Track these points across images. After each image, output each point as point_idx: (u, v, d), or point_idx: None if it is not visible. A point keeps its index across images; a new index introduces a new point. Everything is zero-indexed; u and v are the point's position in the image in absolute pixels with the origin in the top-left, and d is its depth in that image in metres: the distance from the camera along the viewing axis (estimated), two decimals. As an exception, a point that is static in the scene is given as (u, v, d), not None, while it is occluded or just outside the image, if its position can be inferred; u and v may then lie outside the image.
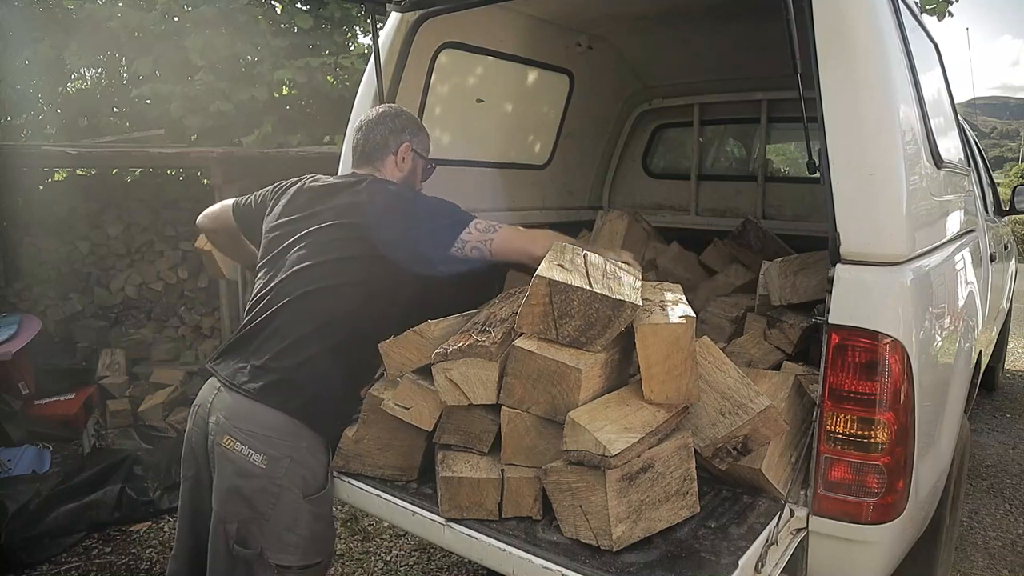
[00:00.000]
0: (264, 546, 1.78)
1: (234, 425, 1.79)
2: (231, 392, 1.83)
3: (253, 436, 1.78)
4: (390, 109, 2.19)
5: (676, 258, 3.25)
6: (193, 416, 1.93)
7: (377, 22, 2.58)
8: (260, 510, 1.78)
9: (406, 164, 2.13)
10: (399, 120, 2.15)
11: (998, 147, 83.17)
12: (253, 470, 1.77)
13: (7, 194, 5.07)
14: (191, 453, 1.94)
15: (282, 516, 1.80)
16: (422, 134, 2.20)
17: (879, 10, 1.77)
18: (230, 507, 1.79)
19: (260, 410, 1.80)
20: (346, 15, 6.77)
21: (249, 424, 1.79)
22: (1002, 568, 3.17)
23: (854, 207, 1.65)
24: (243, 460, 1.77)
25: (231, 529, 1.78)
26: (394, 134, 2.12)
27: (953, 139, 2.83)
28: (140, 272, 5.33)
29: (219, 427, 1.81)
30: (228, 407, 1.82)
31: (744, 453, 1.66)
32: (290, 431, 1.81)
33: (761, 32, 2.52)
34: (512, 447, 1.64)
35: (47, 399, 4.28)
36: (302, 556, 1.83)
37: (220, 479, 1.81)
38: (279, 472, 1.79)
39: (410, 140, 2.14)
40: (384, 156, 2.11)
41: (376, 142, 2.11)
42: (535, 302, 1.61)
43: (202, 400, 1.91)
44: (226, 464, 1.80)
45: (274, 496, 1.79)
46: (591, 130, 4.02)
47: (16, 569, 3.04)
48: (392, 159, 2.12)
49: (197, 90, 5.74)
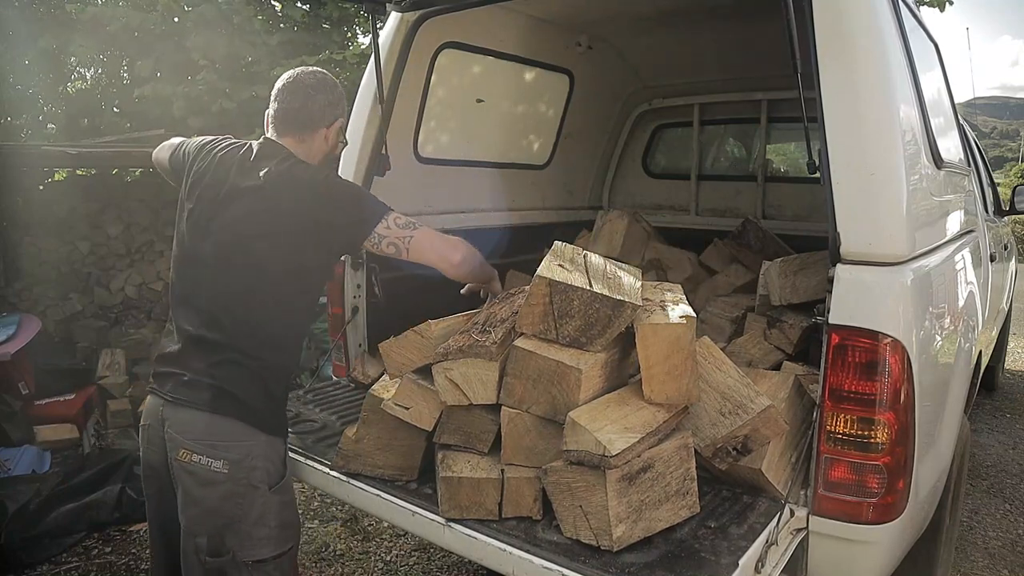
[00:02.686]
0: (235, 548, 1.76)
1: (186, 438, 1.75)
2: (173, 405, 1.79)
3: (207, 444, 1.74)
4: (327, 76, 1.97)
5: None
6: (146, 436, 1.88)
7: (377, 22, 2.58)
8: (230, 515, 1.75)
9: (329, 143, 1.96)
10: (337, 90, 1.95)
11: (998, 147, 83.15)
12: (216, 477, 1.74)
13: (7, 194, 5.07)
14: (151, 472, 1.89)
15: (251, 515, 1.77)
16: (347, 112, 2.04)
17: (879, 10, 1.77)
18: (197, 520, 1.76)
19: (209, 419, 1.75)
20: (344, 14, 6.77)
21: (202, 434, 1.75)
22: (1002, 568, 3.17)
23: (854, 207, 1.66)
24: (203, 470, 1.73)
25: (201, 543, 1.75)
26: (331, 106, 1.92)
27: (953, 139, 2.83)
28: (140, 272, 5.33)
29: (172, 442, 1.77)
30: (176, 420, 1.77)
31: (744, 453, 1.66)
32: (245, 433, 1.78)
33: (761, 32, 2.52)
34: (512, 447, 1.64)
35: (47, 399, 4.28)
36: (275, 546, 1.82)
37: (183, 494, 1.77)
38: (242, 473, 1.76)
39: (344, 116, 1.98)
40: (315, 128, 1.91)
41: (311, 111, 1.89)
42: (535, 302, 1.61)
43: (150, 419, 1.86)
44: (186, 477, 1.76)
45: (240, 497, 1.76)
46: (591, 130, 4.02)
47: (16, 569, 3.04)
48: (323, 132, 1.92)
49: (199, 90, 5.74)
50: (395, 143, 2.71)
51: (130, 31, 6.04)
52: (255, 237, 1.77)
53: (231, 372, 1.78)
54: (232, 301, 1.79)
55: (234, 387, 1.77)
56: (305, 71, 1.98)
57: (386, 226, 1.83)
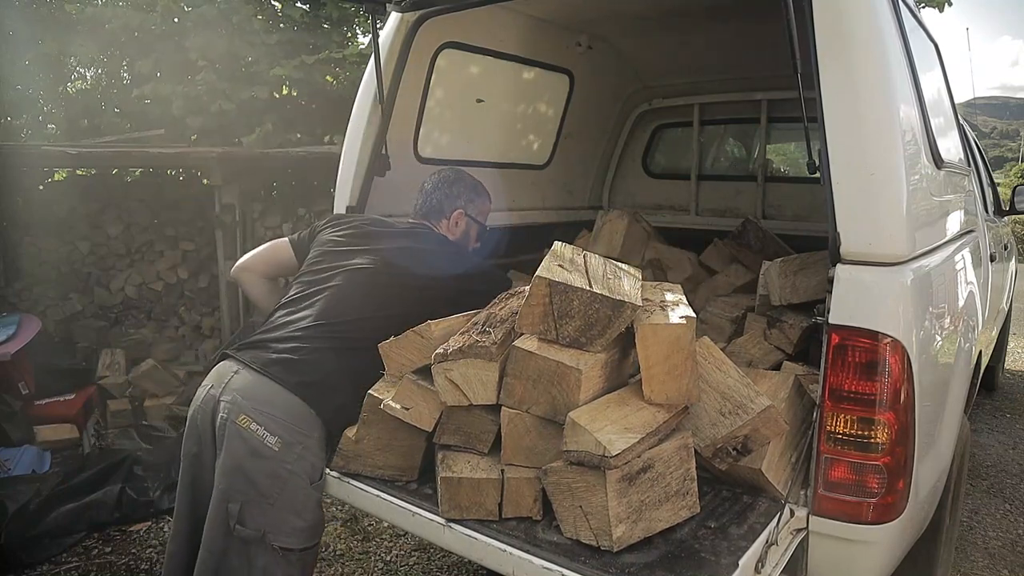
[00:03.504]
0: (267, 529, 1.80)
1: (253, 406, 1.82)
2: (254, 373, 1.87)
3: (271, 418, 1.81)
4: (449, 174, 2.36)
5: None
6: (203, 395, 1.95)
7: (377, 22, 2.58)
8: (265, 492, 1.80)
9: (459, 228, 2.31)
10: (456, 187, 2.32)
11: (998, 147, 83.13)
12: (265, 451, 1.80)
13: (7, 194, 5.07)
14: (195, 430, 1.94)
15: (289, 501, 1.83)
16: (479, 199, 2.36)
17: (879, 10, 1.77)
18: (235, 486, 1.81)
19: (282, 395, 1.84)
20: (344, 14, 6.76)
21: (268, 406, 1.82)
22: (1002, 568, 3.17)
23: (854, 207, 1.66)
24: (257, 440, 1.80)
25: (233, 508, 1.80)
26: (449, 200, 2.30)
27: (953, 139, 2.82)
28: (140, 272, 5.33)
29: (235, 406, 1.83)
30: (248, 387, 1.85)
31: (744, 453, 1.65)
32: (307, 420, 1.86)
33: (761, 32, 2.52)
34: (512, 447, 1.64)
35: (47, 399, 4.28)
36: (304, 540, 1.88)
37: (228, 457, 1.82)
38: (290, 457, 1.82)
39: (464, 207, 2.31)
40: (439, 219, 2.30)
41: (432, 205, 2.30)
42: (535, 302, 1.61)
43: (215, 380, 1.93)
44: (237, 442, 1.81)
45: (282, 480, 1.81)
46: (591, 130, 4.02)
47: (16, 569, 3.04)
48: (445, 223, 2.30)
49: (198, 90, 5.74)
50: (395, 143, 2.72)
51: (130, 31, 6.04)
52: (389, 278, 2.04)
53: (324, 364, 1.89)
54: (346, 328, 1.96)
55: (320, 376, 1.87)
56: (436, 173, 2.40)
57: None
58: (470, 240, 2.36)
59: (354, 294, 2.00)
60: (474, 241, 2.39)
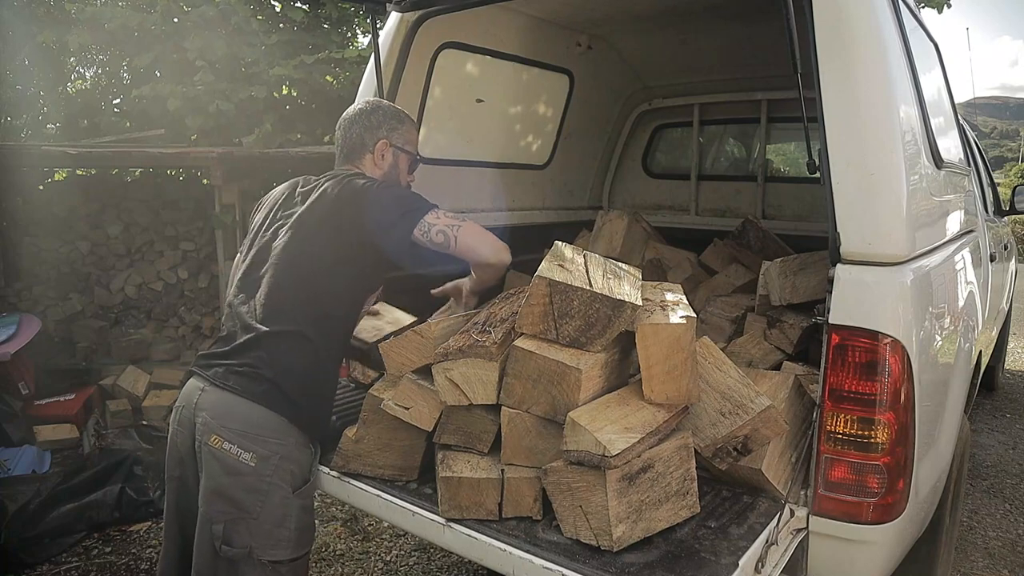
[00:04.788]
0: (253, 544, 1.78)
1: (221, 424, 1.78)
2: (217, 390, 1.82)
3: (241, 435, 1.77)
4: (367, 105, 2.13)
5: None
6: (177, 417, 1.91)
7: (377, 22, 2.58)
8: (247, 509, 1.77)
9: (385, 161, 2.09)
10: (375, 116, 2.10)
11: (998, 147, 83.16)
12: (242, 468, 1.76)
13: (7, 194, 5.07)
14: (176, 454, 1.91)
15: (272, 513, 1.80)
16: (403, 127, 2.13)
17: (879, 10, 1.77)
18: (216, 507, 1.78)
19: (248, 407, 1.79)
20: (344, 14, 6.76)
21: (237, 423, 1.78)
22: (1002, 568, 3.17)
23: (854, 207, 1.65)
24: (232, 459, 1.76)
25: (217, 529, 1.77)
26: (369, 131, 2.08)
27: (953, 139, 2.82)
28: (140, 272, 5.33)
29: (206, 426, 1.80)
30: (214, 405, 1.81)
31: (744, 453, 1.66)
32: (279, 428, 1.81)
33: (761, 32, 2.52)
34: (512, 447, 1.64)
35: (47, 399, 4.28)
36: (293, 549, 1.84)
37: (207, 479, 1.80)
38: (268, 470, 1.78)
39: (387, 135, 2.09)
40: (362, 154, 2.08)
41: (353, 141, 2.08)
42: (535, 302, 1.61)
43: (185, 400, 1.89)
44: (213, 463, 1.78)
45: (263, 494, 1.78)
46: (591, 130, 4.02)
47: (16, 569, 3.04)
48: (370, 157, 2.08)
49: (198, 90, 5.74)
50: (395, 143, 2.71)
51: (129, 31, 6.04)
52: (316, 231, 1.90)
53: (280, 362, 1.82)
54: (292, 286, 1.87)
55: (280, 379, 1.81)
56: (353, 106, 2.17)
57: (436, 216, 1.89)
58: (400, 173, 2.14)
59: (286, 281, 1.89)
60: (407, 174, 2.17)
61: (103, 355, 5.02)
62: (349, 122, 2.10)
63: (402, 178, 2.15)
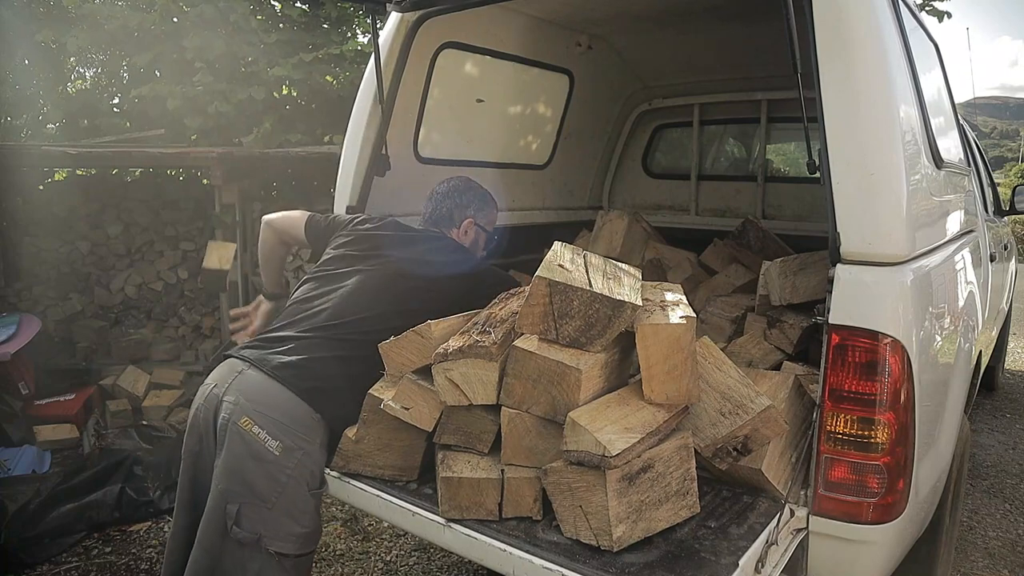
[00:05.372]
0: (263, 532, 1.80)
1: (255, 408, 1.82)
2: (261, 375, 1.86)
3: (273, 422, 1.81)
4: (459, 184, 2.38)
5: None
6: (204, 394, 1.94)
7: (377, 22, 2.58)
8: (263, 496, 1.80)
9: (468, 237, 2.34)
10: (466, 196, 2.35)
11: (998, 147, 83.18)
12: (266, 455, 1.80)
13: (7, 194, 5.07)
14: (196, 429, 1.94)
15: (287, 506, 1.82)
16: (487, 208, 2.40)
17: (879, 10, 1.77)
18: (233, 486, 1.81)
19: (289, 399, 1.83)
20: (343, 14, 6.76)
21: (272, 410, 1.82)
22: (1002, 568, 3.17)
23: (854, 207, 1.65)
24: (258, 444, 1.80)
25: (232, 509, 1.80)
26: (459, 209, 2.33)
27: (953, 139, 2.83)
28: (140, 272, 5.33)
29: (237, 407, 1.83)
30: (253, 388, 1.85)
31: (744, 453, 1.66)
32: (310, 426, 1.85)
33: (761, 32, 2.52)
34: (512, 447, 1.64)
35: (47, 399, 4.28)
36: (300, 546, 1.87)
37: (228, 458, 1.82)
38: (291, 463, 1.82)
39: (473, 216, 2.34)
40: (449, 227, 2.33)
41: (442, 214, 2.33)
42: (535, 302, 1.61)
43: (218, 379, 1.93)
44: (238, 444, 1.81)
45: (281, 485, 1.81)
46: (591, 130, 4.02)
47: (16, 569, 3.04)
48: (456, 231, 2.33)
49: (197, 90, 5.74)
50: (395, 143, 2.72)
51: (129, 31, 6.03)
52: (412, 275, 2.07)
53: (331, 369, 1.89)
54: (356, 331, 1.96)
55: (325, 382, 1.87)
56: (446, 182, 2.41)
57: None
58: (478, 248, 2.40)
59: (364, 296, 2.01)
60: (481, 249, 2.43)
61: (103, 355, 5.01)
62: (442, 196, 2.35)
63: (478, 252, 2.41)
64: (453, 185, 2.38)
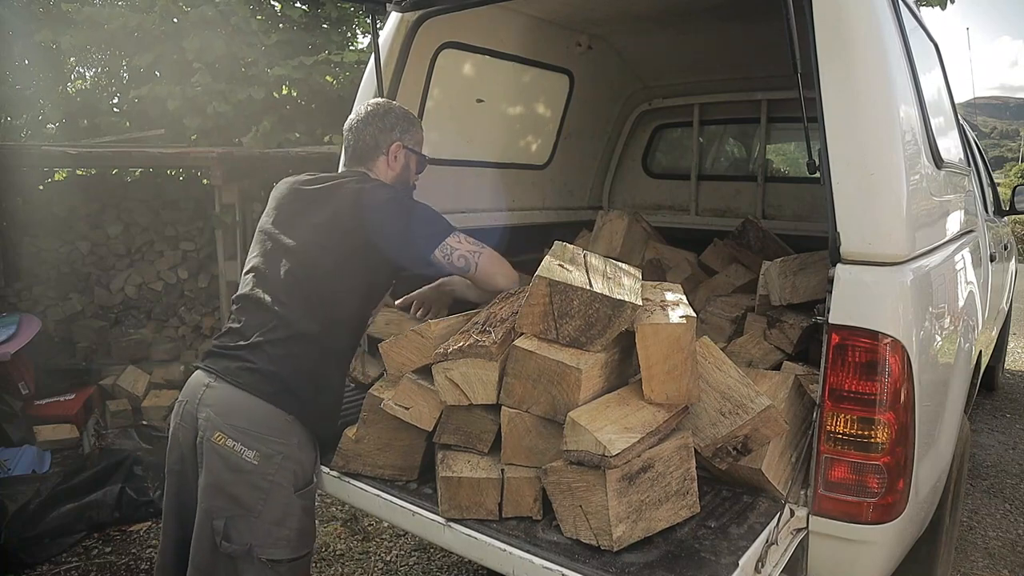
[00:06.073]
0: (253, 542, 1.78)
1: (226, 422, 1.78)
2: (226, 386, 1.82)
3: (245, 433, 1.78)
4: (378, 107, 2.12)
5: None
6: (179, 411, 1.91)
7: (377, 22, 2.58)
8: (248, 506, 1.78)
9: (398, 163, 2.10)
10: (388, 118, 2.09)
11: (998, 147, 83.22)
12: (244, 466, 1.77)
13: (7, 194, 5.07)
14: (177, 448, 1.91)
15: (272, 512, 1.80)
16: (413, 129, 2.14)
17: (879, 10, 1.77)
18: (217, 503, 1.78)
19: (255, 405, 1.79)
20: (343, 14, 6.76)
21: (242, 420, 1.78)
22: (1002, 568, 3.17)
23: (854, 207, 1.65)
24: (235, 456, 1.77)
25: (218, 525, 1.77)
26: (383, 133, 2.07)
27: (953, 139, 2.82)
28: (140, 272, 5.33)
29: (209, 423, 1.80)
30: (219, 401, 1.81)
31: (744, 453, 1.66)
32: (284, 428, 1.82)
33: (761, 32, 2.52)
34: (512, 447, 1.64)
35: (47, 399, 4.28)
36: (293, 549, 1.84)
37: (208, 474, 1.80)
38: (271, 468, 1.79)
39: (400, 138, 2.09)
40: (375, 156, 2.08)
41: (366, 143, 2.07)
42: (535, 302, 1.61)
43: (189, 395, 1.89)
44: (216, 460, 1.78)
45: (264, 492, 1.78)
46: (591, 130, 4.02)
47: (16, 569, 3.04)
48: (384, 159, 2.08)
49: (197, 91, 5.74)
50: (395, 143, 2.71)
51: (129, 31, 6.03)
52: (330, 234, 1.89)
53: (292, 362, 1.83)
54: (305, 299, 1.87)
55: (291, 378, 1.82)
56: (361, 107, 2.14)
57: (458, 240, 1.93)
58: (410, 174, 2.16)
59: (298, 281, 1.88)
60: (415, 174, 2.19)
61: (103, 355, 5.01)
62: (362, 124, 2.08)
63: (411, 178, 2.18)
64: (371, 110, 2.10)
